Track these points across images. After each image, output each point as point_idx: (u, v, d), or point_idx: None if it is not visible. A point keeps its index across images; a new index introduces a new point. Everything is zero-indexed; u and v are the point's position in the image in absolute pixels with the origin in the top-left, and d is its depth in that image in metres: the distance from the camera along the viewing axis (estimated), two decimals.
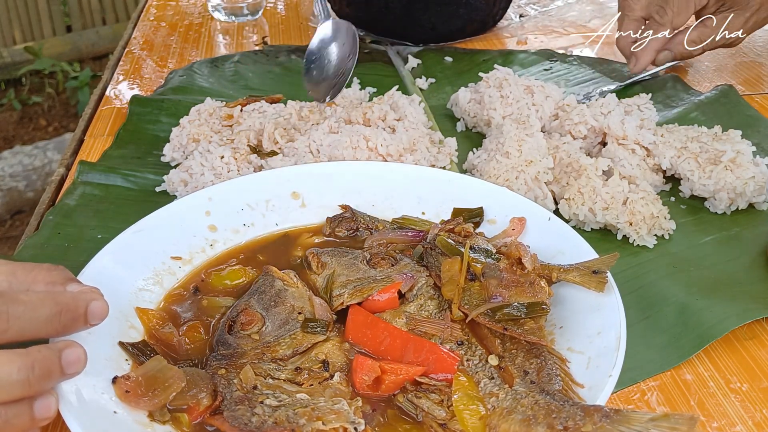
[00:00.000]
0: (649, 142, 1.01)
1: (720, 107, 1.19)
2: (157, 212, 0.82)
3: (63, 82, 3.96)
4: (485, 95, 1.13)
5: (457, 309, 0.70)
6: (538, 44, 1.50)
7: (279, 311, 0.71)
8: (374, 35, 1.50)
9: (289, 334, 0.69)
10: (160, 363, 0.64)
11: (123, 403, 0.62)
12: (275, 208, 0.88)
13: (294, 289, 0.74)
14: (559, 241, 0.79)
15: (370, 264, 0.76)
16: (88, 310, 0.62)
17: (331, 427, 0.58)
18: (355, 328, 0.70)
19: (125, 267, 0.76)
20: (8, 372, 0.55)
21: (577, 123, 1.06)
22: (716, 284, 0.82)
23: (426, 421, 0.63)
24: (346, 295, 0.72)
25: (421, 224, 0.87)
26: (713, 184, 0.95)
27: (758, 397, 0.70)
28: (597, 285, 0.71)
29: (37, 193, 3.04)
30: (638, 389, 0.71)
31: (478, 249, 0.76)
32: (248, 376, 0.64)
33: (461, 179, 0.91)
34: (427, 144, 1.03)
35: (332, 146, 0.98)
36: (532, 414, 0.60)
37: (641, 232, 0.89)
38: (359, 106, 1.06)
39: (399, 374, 0.65)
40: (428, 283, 0.74)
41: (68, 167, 1.08)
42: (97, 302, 0.63)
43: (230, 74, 1.35)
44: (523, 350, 0.67)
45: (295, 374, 0.66)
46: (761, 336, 0.77)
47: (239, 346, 0.68)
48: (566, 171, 0.96)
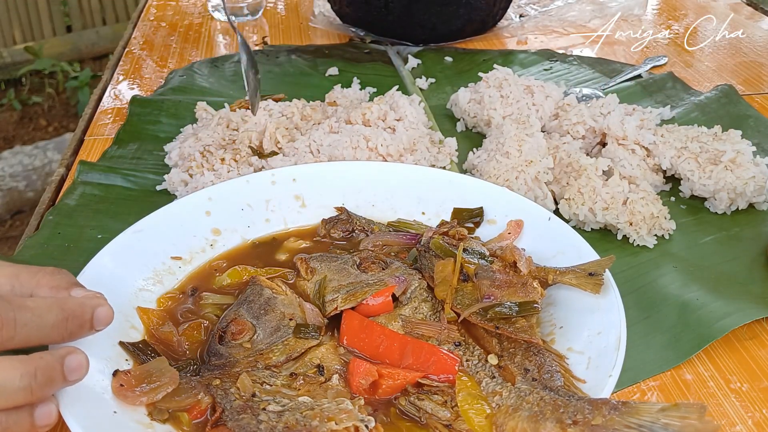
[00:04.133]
0: (649, 142, 1.01)
1: (720, 107, 1.19)
2: (157, 212, 0.82)
3: (63, 82, 3.96)
4: (485, 95, 1.13)
5: (450, 309, 0.70)
6: (538, 44, 1.50)
7: (269, 319, 0.71)
8: (374, 35, 1.50)
9: (282, 340, 0.68)
10: (162, 363, 0.64)
11: (115, 395, 0.62)
12: (275, 208, 0.88)
13: (283, 296, 0.73)
14: (559, 241, 0.79)
15: (361, 268, 0.76)
16: (93, 316, 0.63)
17: (343, 426, 0.58)
18: (350, 332, 0.69)
19: (125, 267, 0.76)
20: (11, 379, 0.55)
21: (575, 123, 1.06)
22: (716, 284, 0.82)
23: (430, 423, 0.62)
24: (340, 300, 0.72)
25: (417, 227, 0.87)
26: (713, 184, 0.95)
27: (758, 397, 0.70)
28: (593, 287, 0.71)
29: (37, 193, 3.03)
30: (638, 389, 0.71)
31: (472, 251, 0.76)
32: (245, 384, 0.63)
33: (461, 179, 0.91)
34: (427, 144, 1.03)
35: (332, 146, 0.98)
36: (539, 410, 0.60)
37: (641, 232, 0.89)
38: (359, 106, 1.06)
39: (397, 379, 0.64)
40: (421, 285, 0.74)
41: (68, 167, 1.08)
42: (102, 308, 0.63)
43: (230, 74, 1.35)
44: (522, 348, 0.67)
45: (291, 380, 0.65)
46: (761, 336, 0.77)
47: (231, 355, 0.68)
48: (566, 171, 0.96)
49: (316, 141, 0.99)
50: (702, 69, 1.38)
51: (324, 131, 1.01)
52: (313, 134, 1.00)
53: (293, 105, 1.10)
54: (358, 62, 1.40)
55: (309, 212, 0.89)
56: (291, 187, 0.89)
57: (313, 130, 1.02)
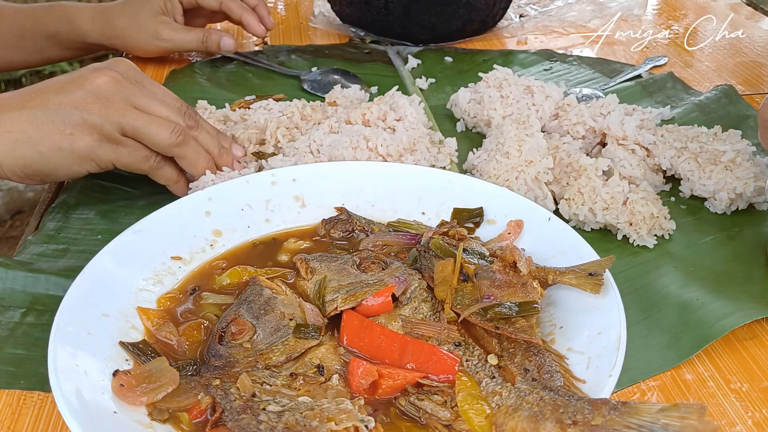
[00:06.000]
0: (649, 142, 1.01)
1: (720, 107, 1.19)
2: (157, 212, 0.82)
3: None
4: (485, 95, 1.13)
5: (450, 309, 0.70)
6: (538, 44, 1.50)
7: (269, 319, 0.71)
8: (374, 35, 1.50)
9: (282, 340, 0.68)
10: (162, 363, 0.64)
11: (115, 395, 0.62)
12: (275, 209, 0.88)
13: (283, 296, 0.73)
14: (559, 242, 0.79)
15: (360, 268, 0.76)
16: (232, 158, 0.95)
17: (343, 426, 0.58)
18: (350, 332, 0.69)
19: (125, 267, 0.76)
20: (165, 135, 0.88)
21: (575, 123, 1.06)
22: (716, 284, 0.82)
23: (430, 423, 0.62)
24: (340, 300, 0.72)
25: (417, 227, 0.87)
26: (713, 184, 0.95)
27: (758, 397, 0.70)
28: (593, 287, 0.71)
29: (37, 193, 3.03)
30: (638, 389, 0.71)
31: (472, 251, 0.76)
32: (246, 384, 0.63)
33: (461, 179, 0.91)
34: (427, 144, 1.03)
35: (332, 146, 0.98)
36: (538, 410, 0.60)
37: (641, 232, 0.89)
38: (359, 106, 1.06)
39: (397, 379, 0.64)
40: (421, 286, 0.74)
41: None
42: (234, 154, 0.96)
43: (230, 74, 1.35)
44: (521, 349, 0.67)
45: (291, 380, 0.65)
46: (761, 336, 0.77)
47: (231, 355, 0.68)
48: (566, 171, 0.96)
49: (316, 141, 0.99)
50: (702, 69, 1.38)
51: (324, 131, 1.01)
52: (313, 134, 1.00)
53: (293, 105, 1.10)
54: (358, 62, 1.40)
55: (309, 212, 0.89)
56: (291, 187, 0.90)
57: (313, 130, 1.02)
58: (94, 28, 1.26)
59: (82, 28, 1.27)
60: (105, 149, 0.86)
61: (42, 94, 0.85)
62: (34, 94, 0.86)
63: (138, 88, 0.89)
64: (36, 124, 0.83)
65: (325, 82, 1.30)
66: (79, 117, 0.84)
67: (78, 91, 0.85)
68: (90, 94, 0.85)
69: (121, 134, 0.86)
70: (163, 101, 0.90)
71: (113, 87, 0.87)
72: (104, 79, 0.87)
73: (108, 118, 0.85)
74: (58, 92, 0.85)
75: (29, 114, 0.84)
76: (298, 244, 0.85)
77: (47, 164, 0.85)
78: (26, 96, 0.86)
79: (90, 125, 0.84)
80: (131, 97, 0.87)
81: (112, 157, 0.86)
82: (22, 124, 0.83)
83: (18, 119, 0.83)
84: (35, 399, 0.70)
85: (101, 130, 0.85)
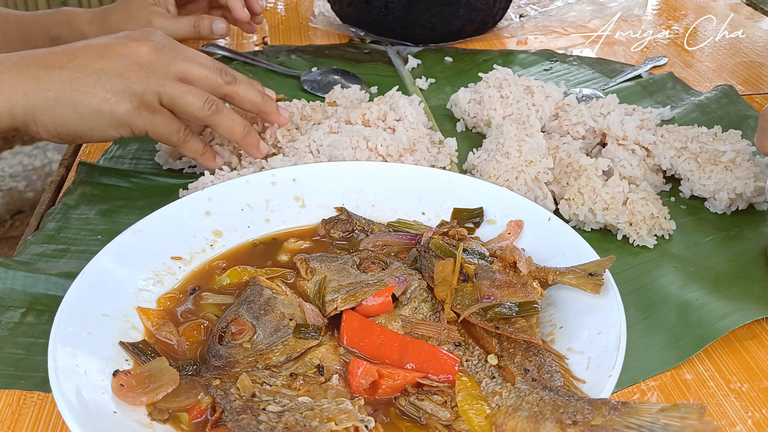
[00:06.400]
0: (649, 142, 1.01)
1: (720, 107, 1.19)
2: (157, 212, 0.82)
3: None
4: (485, 95, 1.13)
5: (450, 309, 0.70)
6: (538, 44, 1.50)
7: (269, 319, 0.71)
8: (374, 35, 1.50)
9: (282, 340, 0.68)
10: (162, 363, 0.64)
11: (115, 395, 0.62)
12: (275, 209, 0.88)
13: (283, 296, 0.73)
14: (559, 242, 0.79)
15: (361, 268, 0.76)
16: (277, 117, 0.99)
17: (343, 426, 0.58)
18: (350, 333, 0.69)
19: (125, 267, 0.76)
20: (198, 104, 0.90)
21: (575, 123, 1.06)
22: (716, 284, 0.82)
23: (430, 424, 0.62)
24: (340, 300, 0.72)
25: (417, 227, 0.87)
26: (713, 184, 0.95)
27: (758, 397, 0.70)
28: (593, 287, 0.71)
29: (37, 193, 3.03)
30: (638, 389, 0.71)
31: (472, 251, 0.76)
32: (246, 384, 0.63)
33: (461, 179, 0.91)
34: (427, 144, 1.03)
35: (332, 146, 0.98)
36: (538, 410, 0.60)
37: (641, 233, 0.89)
38: (359, 107, 1.06)
39: (397, 379, 0.64)
40: (421, 286, 0.74)
41: (68, 167, 1.08)
42: None
43: None
44: (521, 349, 0.67)
45: (291, 380, 0.65)
46: (761, 336, 0.77)
47: (231, 355, 0.68)
48: (566, 171, 0.96)
49: (316, 141, 0.99)
50: (702, 69, 1.38)
51: (324, 131, 1.01)
52: (313, 134, 1.00)
53: (293, 105, 1.10)
54: (358, 62, 1.40)
55: (309, 212, 0.89)
56: (291, 187, 0.90)
57: (313, 130, 1.02)
58: (92, 29, 1.28)
59: (82, 30, 1.28)
60: (143, 117, 0.88)
61: (82, 57, 0.87)
62: (72, 55, 0.87)
63: (174, 56, 0.91)
64: (77, 85, 0.85)
65: (325, 82, 1.30)
66: (121, 83, 0.86)
67: (120, 59, 0.88)
68: (132, 63, 0.88)
69: (159, 103, 0.89)
70: (199, 62, 0.92)
71: (154, 56, 0.89)
72: (145, 48, 0.89)
73: (148, 86, 0.87)
74: (100, 57, 0.87)
75: (69, 75, 0.85)
76: (298, 244, 0.85)
77: (85, 125, 0.87)
78: (64, 56, 0.87)
79: (131, 92, 0.86)
80: (170, 66, 0.90)
81: (147, 125, 0.89)
82: (62, 84, 0.85)
83: (58, 78, 0.85)
84: (35, 399, 0.70)
85: (141, 97, 0.87)
